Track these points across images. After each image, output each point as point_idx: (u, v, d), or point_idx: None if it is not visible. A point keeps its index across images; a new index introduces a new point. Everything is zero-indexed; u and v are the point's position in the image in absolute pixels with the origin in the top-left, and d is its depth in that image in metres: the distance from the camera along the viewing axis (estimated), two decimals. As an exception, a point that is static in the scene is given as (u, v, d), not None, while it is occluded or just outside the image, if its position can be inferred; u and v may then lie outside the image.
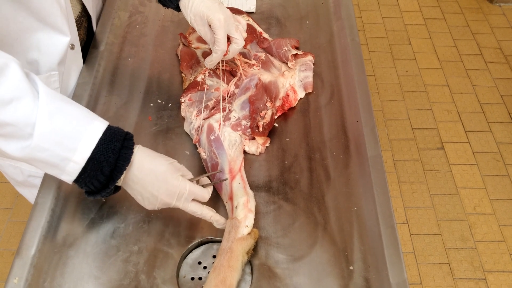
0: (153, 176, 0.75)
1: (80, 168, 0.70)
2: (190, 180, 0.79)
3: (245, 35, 0.96)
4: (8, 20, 0.84)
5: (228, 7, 1.01)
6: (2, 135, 0.67)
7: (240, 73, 1.04)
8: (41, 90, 0.69)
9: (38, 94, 0.68)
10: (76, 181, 0.72)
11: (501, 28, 2.82)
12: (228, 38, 0.93)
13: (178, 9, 0.97)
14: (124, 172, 0.73)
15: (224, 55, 0.94)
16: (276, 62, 1.11)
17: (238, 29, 0.94)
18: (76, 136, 0.69)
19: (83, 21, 1.08)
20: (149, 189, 0.75)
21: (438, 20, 2.88)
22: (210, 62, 0.95)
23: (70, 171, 0.71)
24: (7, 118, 0.65)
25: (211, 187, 0.82)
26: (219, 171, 0.89)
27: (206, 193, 0.79)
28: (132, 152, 0.74)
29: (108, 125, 0.73)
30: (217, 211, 0.82)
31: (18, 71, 0.67)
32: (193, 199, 0.78)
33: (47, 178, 0.89)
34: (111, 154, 0.71)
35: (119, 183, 0.75)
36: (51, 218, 0.85)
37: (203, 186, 0.81)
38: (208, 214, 0.80)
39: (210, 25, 0.91)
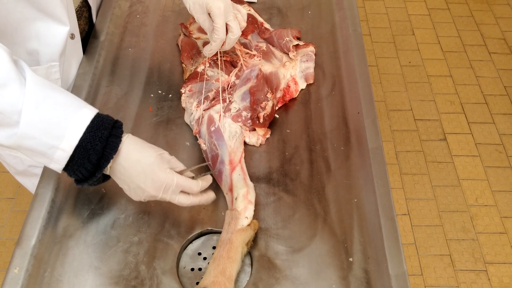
0: (140, 168, 0.73)
1: (68, 156, 0.70)
2: (181, 172, 0.77)
3: (244, 24, 0.94)
4: (8, 10, 0.84)
5: (229, -3, 1.00)
6: None
7: (241, 64, 1.03)
8: (28, 77, 0.68)
9: (25, 81, 0.67)
10: (65, 169, 0.72)
11: (506, 18, 2.79)
12: (227, 28, 0.92)
13: None
14: (111, 160, 0.72)
15: (222, 45, 0.93)
16: (277, 53, 1.10)
17: (237, 18, 0.92)
18: (64, 124, 0.68)
19: (84, 11, 1.07)
20: (135, 180, 0.74)
21: (442, 10, 2.85)
22: (209, 51, 0.93)
23: (58, 159, 0.70)
24: None
25: (206, 178, 0.80)
26: (208, 163, 0.88)
27: (194, 185, 0.76)
28: (120, 141, 0.72)
29: (97, 113, 0.72)
30: (217, 202, 0.82)
31: (5, 57, 0.66)
32: (181, 191, 0.76)
33: (48, 169, 0.89)
34: (98, 142, 0.70)
35: (107, 172, 0.74)
36: (52, 209, 0.85)
37: (192, 178, 0.79)
38: (195, 200, 0.78)
39: (209, 13, 0.90)
